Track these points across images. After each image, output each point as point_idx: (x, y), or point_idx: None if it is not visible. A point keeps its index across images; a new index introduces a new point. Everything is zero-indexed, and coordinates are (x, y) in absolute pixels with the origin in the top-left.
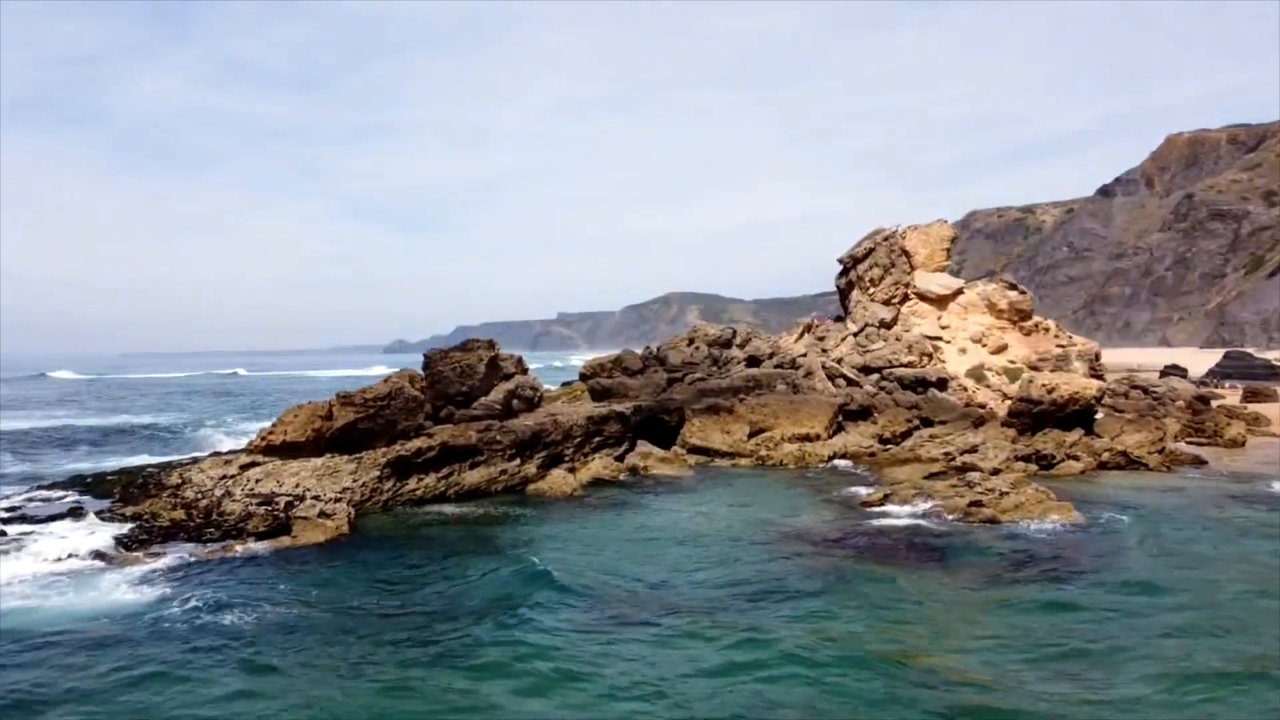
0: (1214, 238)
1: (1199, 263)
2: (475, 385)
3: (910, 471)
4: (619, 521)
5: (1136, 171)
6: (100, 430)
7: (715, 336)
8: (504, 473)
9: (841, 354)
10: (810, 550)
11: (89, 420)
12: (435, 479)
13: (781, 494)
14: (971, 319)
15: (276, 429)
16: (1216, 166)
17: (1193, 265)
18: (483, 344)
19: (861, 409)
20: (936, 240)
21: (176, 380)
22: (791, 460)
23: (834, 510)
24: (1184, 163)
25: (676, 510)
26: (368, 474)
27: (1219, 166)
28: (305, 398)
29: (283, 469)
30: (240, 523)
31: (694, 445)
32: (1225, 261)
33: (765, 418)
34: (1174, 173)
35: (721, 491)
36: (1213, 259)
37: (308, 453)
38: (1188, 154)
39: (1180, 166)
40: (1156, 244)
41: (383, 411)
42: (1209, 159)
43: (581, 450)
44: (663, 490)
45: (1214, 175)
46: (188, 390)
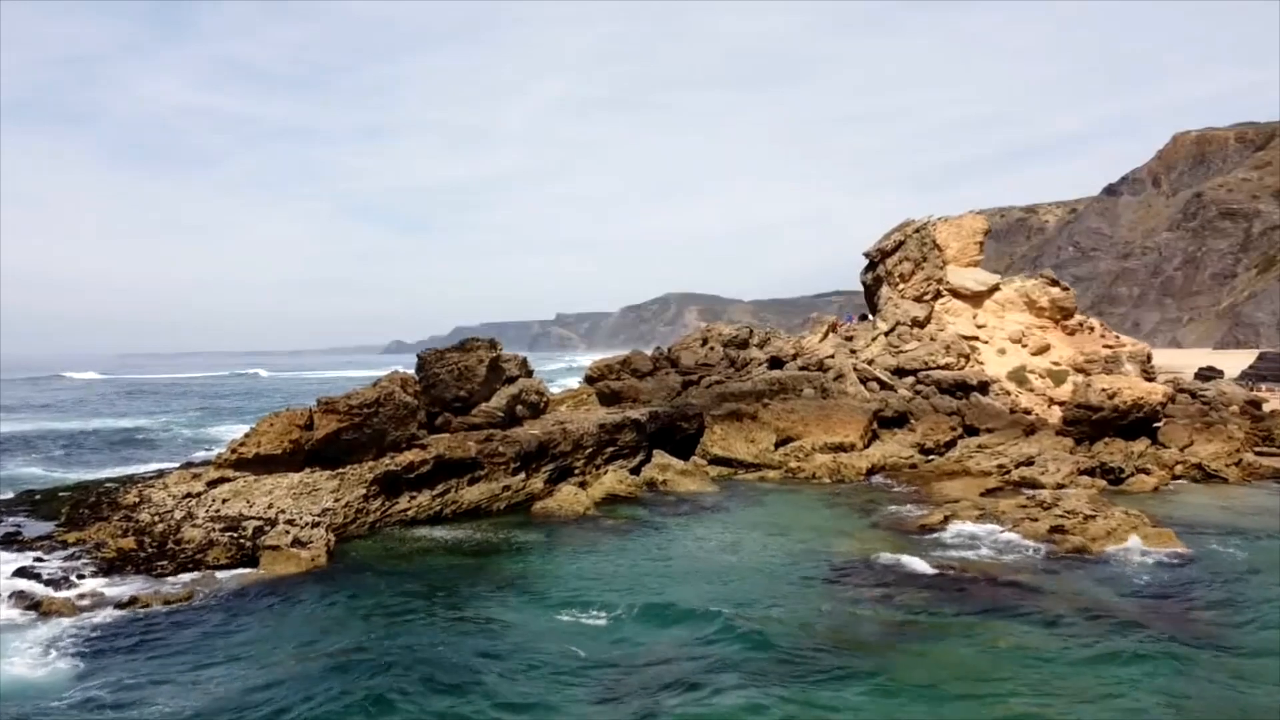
0: (1224, 237)
1: (1209, 262)
2: (475, 389)
3: (963, 487)
4: (639, 551)
5: (1143, 170)
6: (106, 434)
7: (731, 336)
8: (507, 489)
9: (872, 355)
10: (871, 588)
11: (100, 422)
12: (429, 497)
13: (821, 514)
14: (1009, 317)
15: (249, 440)
16: (1225, 165)
17: (1203, 265)
18: (483, 343)
19: (898, 415)
20: (968, 233)
21: (199, 381)
22: (825, 473)
23: (887, 535)
24: (1191, 161)
25: (705, 536)
26: (352, 492)
27: (1227, 165)
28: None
29: (255, 486)
30: (200, 553)
31: (716, 455)
32: (1236, 261)
33: (793, 425)
34: (1181, 171)
35: (753, 512)
36: (1223, 259)
37: (284, 467)
38: (1195, 153)
39: (1188, 165)
40: (1165, 243)
41: (370, 420)
42: (1217, 158)
43: (593, 462)
44: (686, 510)
45: (1223, 174)
46: (215, 392)
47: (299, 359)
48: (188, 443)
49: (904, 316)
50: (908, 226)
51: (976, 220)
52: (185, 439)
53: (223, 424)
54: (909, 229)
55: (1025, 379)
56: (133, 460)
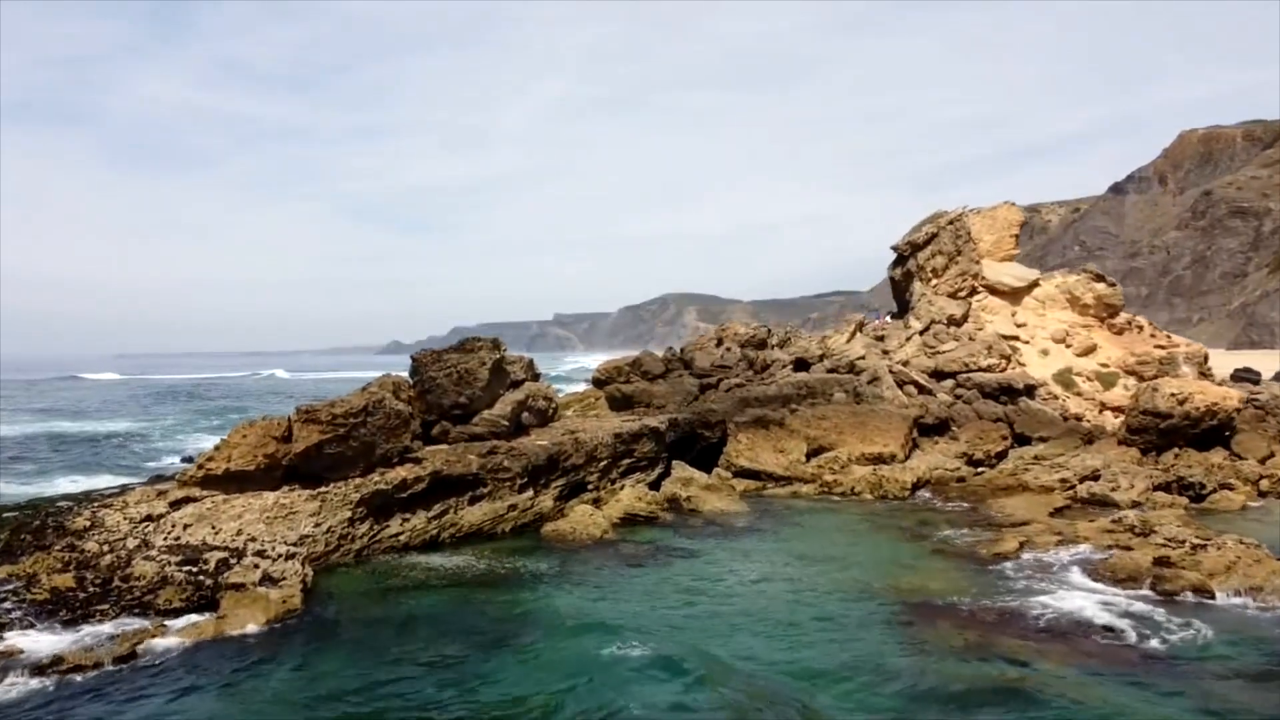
0: (1234, 235)
1: (1219, 261)
2: (476, 395)
3: (1026, 506)
4: (671, 587)
5: (1149, 168)
6: (128, 437)
7: (748, 336)
8: (513, 508)
9: (907, 356)
10: (953, 638)
11: (115, 424)
12: (425, 519)
13: (871, 539)
14: (1051, 315)
15: (219, 454)
16: (1232, 163)
17: (1213, 264)
18: (485, 344)
19: (938, 422)
20: (1003, 225)
21: (226, 382)
22: (866, 488)
23: (956, 566)
24: (1198, 160)
25: (744, 567)
26: (335, 515)
27: (1235, 163)
28: None
29: (223, 508)
30: (150, 593)
31: (742, 467)
32: (1247, 260)
33: (826, 433)
34: (1188, 170)
35: (793, 535)
36: (1234, 258)
37: (258, 484)
38: (1202, 151)
39: (1194, 163)
40: (1173, 242)
41: (357, 431)
42: (1224, 156)
43: (607, 476)
44: (716, 533)
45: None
46: (241, 392)
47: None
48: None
49: (939, 314)
50: (940, 218)
51: (1011, 211)
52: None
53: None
54: (942, 220)
55: (1072, 382)
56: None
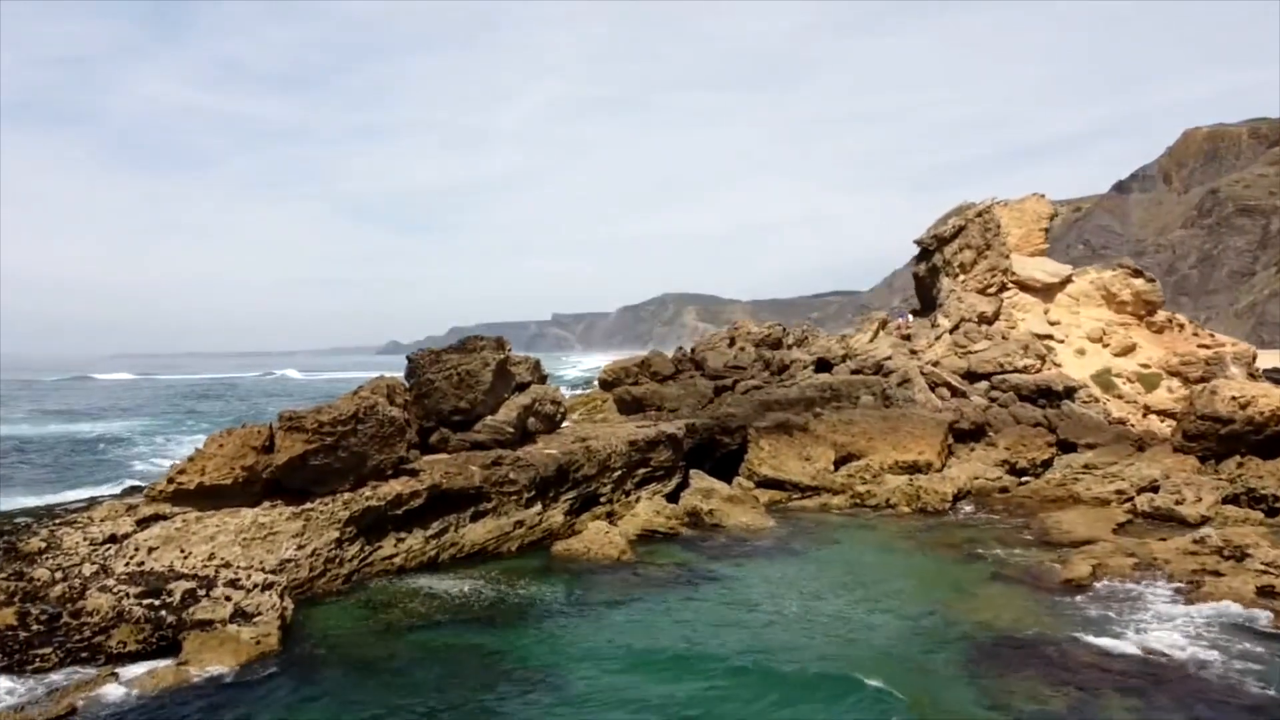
0: (1241, 234)
1: (1226, 260)
2: (478, 400)
3: (1084, 521)
4: (703, 619)
5: (1153, 167)
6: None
7: (763, 335)
8: (519, 525)
9: (936, 356)
10: (1045, 690)
11: (125, 423)
12: (422, 538)
13: (919, 561)
14: (1085, 313)
15: (191, 465)
16: (1238, 162)
17: (1220, 263)
18: (488, 343)
19: (974, 427)
20: (1031, 218)
21: (241, 382)
22: (902, 500)
23: (1021, 594)
24: (1203, 158)
25: (782, 594)
26: (321, 536)
27: (1240, 162)
28: None
29: (194, 528)
30: (102, 633)
31: (765, 477)
32: (1254, 259)
33: (854, 439)
34: (1192, 168)
35: (831, 556)
36: (1241, 256)
37: (236, 500)
38: (1207, 149)
39: (1199, 162)
40: (1179, 241)
41: (346, 440)
42: (1229, 154)
43: (621, 487)
44: (744, 552)
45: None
46: (259, 392)
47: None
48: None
49: (969, 312)
50: (967, 210)
51: (1040, 203)
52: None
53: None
54: (969, 213)
55: (1111, 384)
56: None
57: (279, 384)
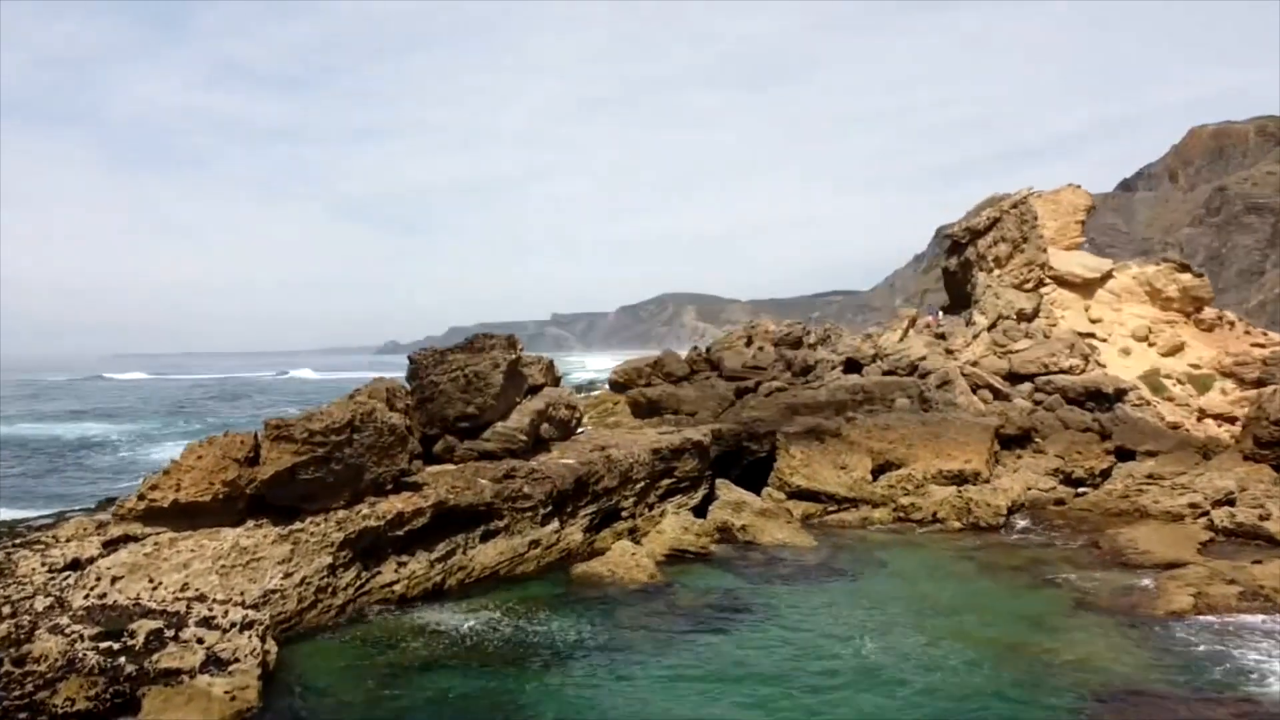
0: (1250, 232)
1: (1235, 259)
2: (488, 404)
3: (1160, 539)
4: (751, 660)
5: (1158, 165)
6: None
7: (783, 334)
8: (535, 544)
9: (974, 355)
10: None
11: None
12: (427, 562)
13: (984, 586)
14: (1128, 310)
15: (165, 480)
16: (1245, 159)
17: (1228, 262)
18: (498, 341)
19: (1020, 432)
20: (1067, 210)
21: (258, 381)
22: (951, 513)
23: (1117, 629)
24: (1209, 156)
25: (836, 628)
26: (311, 562)
27: (1247, 160)
28: None
29: (166, 553)
30: (48, 686)
31: (797, 487)
32: (1264, 257)
33: (893, 446)
34: (1199, 166)
35: (881, 579)
36: (1250, 255)
37: (216, 518)
38: (1213, 147)
39: (1206, 160)
40: (1187, 239)
41: (340, 451)
42: (1236, 151)
43: (644, 500)
44: (784, 574)
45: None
46: (283, 391)
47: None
48: None
49: (1007, 309)
50: (1002, 201)
51: (1077, 194)
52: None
53: None
54: (1004, 204)
55: (1161, 385)
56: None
57: (295, 384)
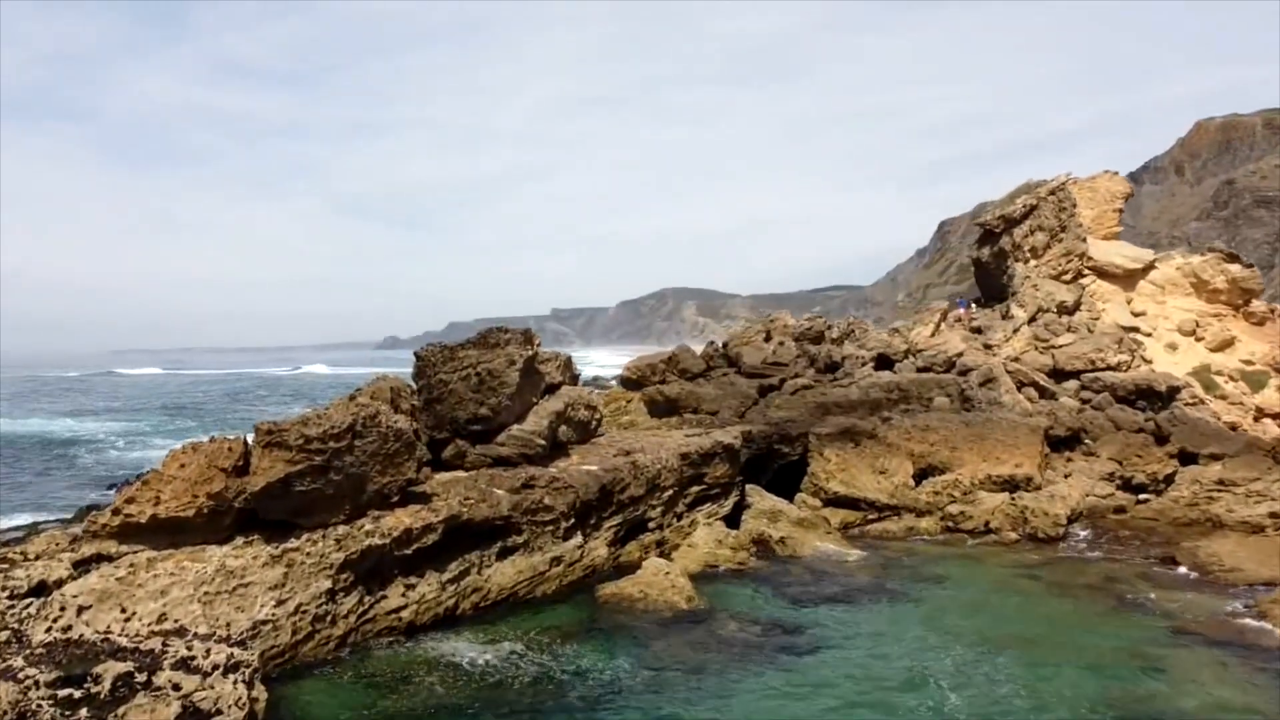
0: (1259, 226)
1: (1244, 253)
2: (502, 405)
3: (1247, 554)
4: (809, 706)
5: (1164, 159)
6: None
7: (804, 328)
8: (556, 561)
9: (1015, 350)
10: None
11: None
12: (437, 584)
13: (1057, 609)
14: (1173, 302)
15: (143, 493)
16: (1252, 153)
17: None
18: (514, 336)
19: (1069, 434)
20: (1105, 198)
21: (273, 377)
22: (1005, 523)
23: (1233, 665)
24: (1216, 149)
25: (901, 661)
26: (308, 587)
27: (1255, 152)
28: None
29: (141, 577)
30: None
31: (834, 493)
32: (1274, 251)
33: (935, 448)
34: (1205, 160)
35: (941, 601)
36: (1259, 249)
37: (202, 535)
38: (1220, 140)
39: (1212, 153)
40: (1195, 233)
41: (341, 459)
42: (1243, 145)
43: (673, 509)
44: (832, 594)
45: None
46: (306, 386)
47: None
48: None
49: (1047, 301)
50: (1039, 188)
51: (1114, 181)
52: None
53: None
54: (1042, 191)
55: (1213, 383)
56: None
57: (309, 380)
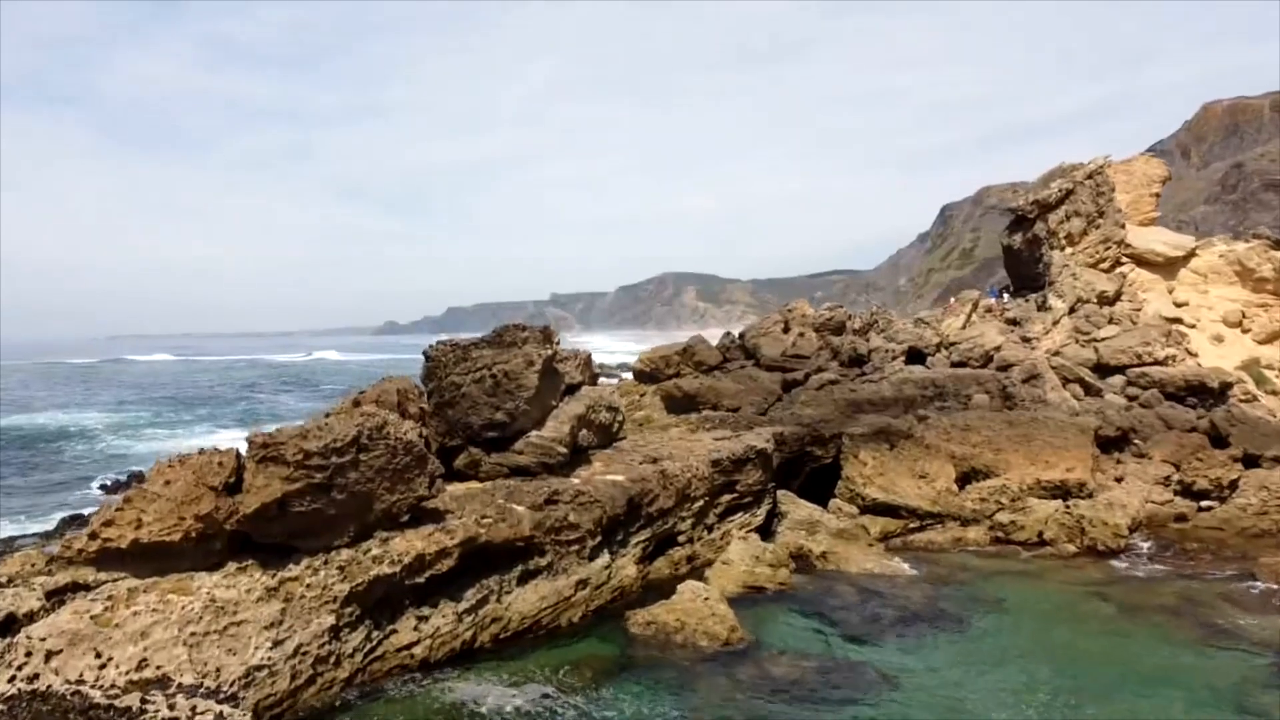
0: (1269, 210)
1: None
2: (520, 409)
3: None
4: None
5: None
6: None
7: (824, 319)
8: (582, 584)
9: (1054, 344)
10: None
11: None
12: (454, 615)
13: (1141, 636)
14: (1216, 292)
15: (123, 514)
16: (1260, 135)
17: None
18: (532, 334)
19: (1119, 434)
20: (1141, 181)
21: (291, 364)
22: (1060, 534)
23: None
24: (1224, 132)
25: (974, 708)
26: (309, 624)
27: (1262, 135)
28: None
29: (119, 615)
30: None
31: (872, 500)
32: None
33: (977, 451)
34: (1212, 143)
35: (1009, 628)
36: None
37: (189, 562)
38: (1227, 123)
39: (1219, 136)
40: (1203, 217)
41: (344, 475)
42: (1251, 128)
43: (703, 520)
44: (887, 621)
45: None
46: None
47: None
48: None
49: (1087, 291)
50: (1073, 171)
51: (1151, 164)
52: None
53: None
54: (1078, 174)
55: (1263, 377)
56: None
57: (323, 367)
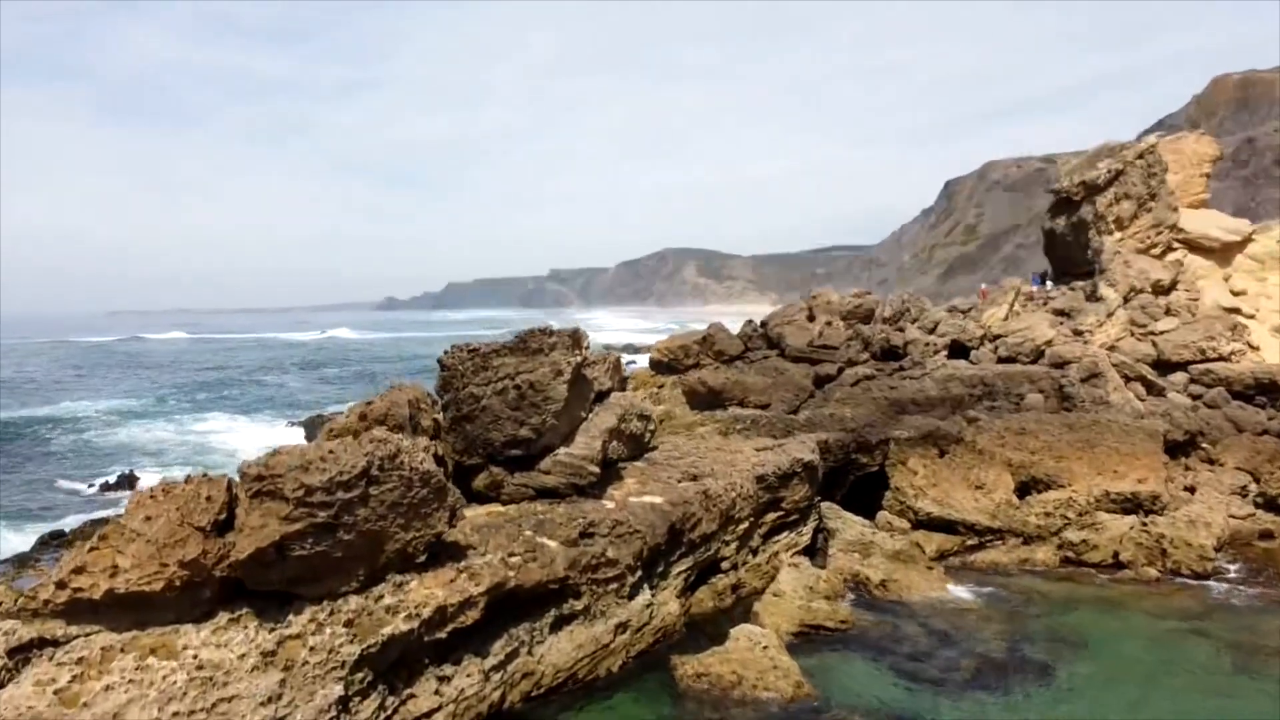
0: None
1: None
2: (547, 424)
3: None
4: None
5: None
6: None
7: (851, 307)
8: (622, 628)
9: (1109, 338)
10: None
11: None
12: (479, 673)
13: (1251, 684)
14: (1274, 280)
15: (97, 559)
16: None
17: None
18: (560, 338)
19: (1187, 437)
20: (1191, 161)
21: (307, 343)
22: (1138, 554)
23: None
24: (1234, 106)
25: None
26: (311, 698)
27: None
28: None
29: (90, 684)
30: None
31: (925, 514)
32: None
33: (1036, 457)
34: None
35: (1104, 677)
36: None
37: (173, 613)
38: (1238, 96)
39: (1230, 110)
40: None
41: (352, 513)
42: (1262, 101)
43: (747, 544)
44: (969, 671)
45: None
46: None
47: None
48: None
49: (1141, 280)
50: (1122, 151)
51: (1202, 143)
52: None
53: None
54: (1128, 154)
55: None
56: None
57: (336, 346)
